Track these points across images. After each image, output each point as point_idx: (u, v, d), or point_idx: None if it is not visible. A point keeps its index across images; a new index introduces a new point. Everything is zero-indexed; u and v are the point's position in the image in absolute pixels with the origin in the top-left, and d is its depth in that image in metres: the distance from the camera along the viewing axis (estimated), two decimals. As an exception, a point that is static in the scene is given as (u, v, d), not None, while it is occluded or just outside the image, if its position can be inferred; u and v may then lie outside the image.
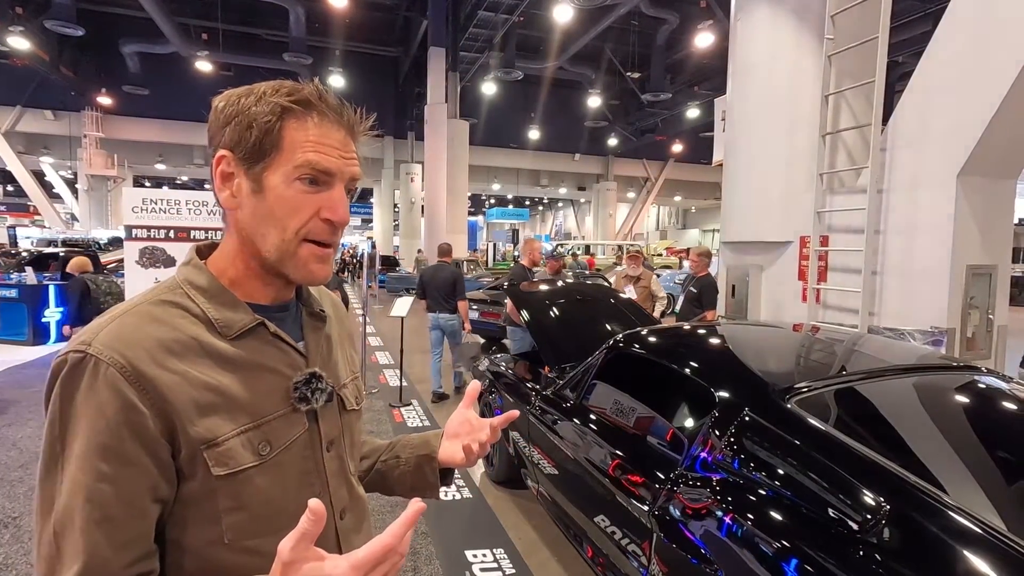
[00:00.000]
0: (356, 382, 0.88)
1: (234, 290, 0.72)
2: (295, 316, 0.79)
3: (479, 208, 39.38)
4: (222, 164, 0.69)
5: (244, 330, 0.70)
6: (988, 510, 1.33)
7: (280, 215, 0.68)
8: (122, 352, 0.61)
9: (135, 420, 0.60)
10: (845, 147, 4.82)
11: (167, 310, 0.67)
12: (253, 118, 0.67)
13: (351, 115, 0.73)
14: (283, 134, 0.68)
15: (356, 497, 0.82)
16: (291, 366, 0.73)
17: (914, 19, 13.82)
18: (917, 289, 4.08)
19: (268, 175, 0.68)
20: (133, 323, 0.65)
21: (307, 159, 0.67)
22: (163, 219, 4.37)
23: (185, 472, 0.63)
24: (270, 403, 0.70)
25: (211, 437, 0.64)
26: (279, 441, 0.70)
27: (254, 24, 19.88)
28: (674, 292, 11.34)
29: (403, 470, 0.96)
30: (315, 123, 0.69)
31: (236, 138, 0.68)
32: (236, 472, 0.65)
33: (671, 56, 20.26)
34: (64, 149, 22.54)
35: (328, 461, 0.76)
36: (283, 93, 0.68)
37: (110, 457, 0.59)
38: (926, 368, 2.13)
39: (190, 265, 0.73)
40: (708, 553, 1.58)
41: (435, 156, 17.67)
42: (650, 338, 2.55)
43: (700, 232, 39.23)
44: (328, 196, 0.69)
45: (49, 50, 18.23)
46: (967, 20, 3.76)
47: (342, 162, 0.70)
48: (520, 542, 3.04)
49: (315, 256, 0.70)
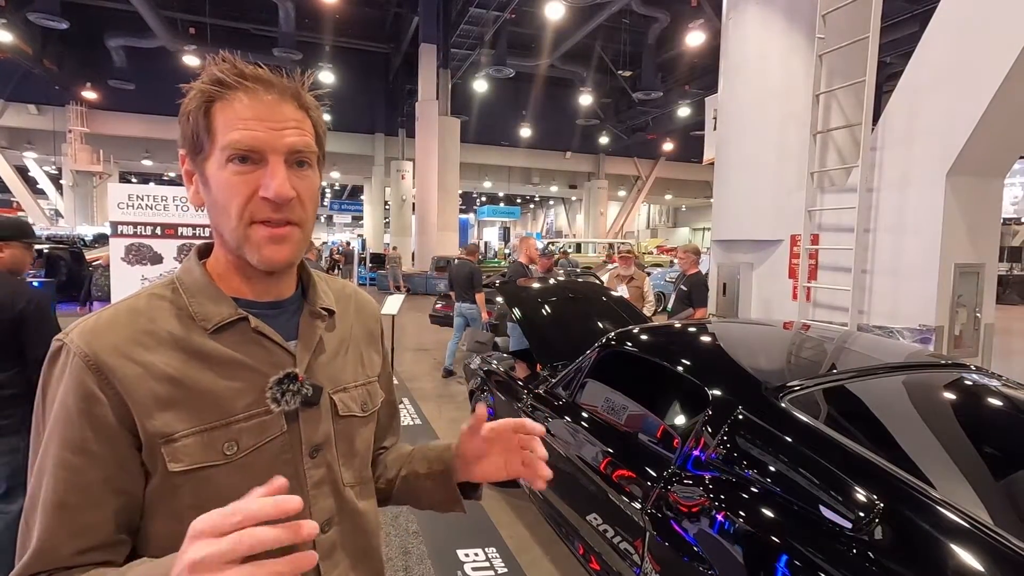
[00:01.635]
0: (368, 387, 0.82)
1: (222, 286, 0.70)
2: (293, 314, 0.75)
3: (470, 206, 39.29)
4: (185, 164, 0.70)
5: (223, 324, 0.68)
6: (976, 505, 1.35)
7: (223, 202, 0.66)
8: (88, 342, 0.62)
9: (94, 410, 0.61)
10: (835, 146, 4.85)
11: (151, 303, 0.68)
12: (187, 111, 0.67)
13: (281, 82, 0.68)
14: (211, 120, 0.66)
15: (350, 511, 0.76)
16: (274, 365, 0.69)
17: (903, 20, 13.95)
18: (906, 287, 4.11)
19: (207, 165, 0.67)
20: (110, 316, 0.66)
21: (229, 139, 0.64)
22: (150, 215, 4.30)
23: (148, 466, 0.63)
24: (243, 401, 0.67)
25: (168, 432, 0.62)
26: (248, 442, 0.66)
27: (242, 19, 19.64)
28: (665, 290, 11.42)
29: (424, 487, 0.89)
30: (242, 101, 0.65)
31: (183, 135, 0.69)
32: (193, 469, 0.63)
33: (662, 55, 20.30)
34: (48, 144, 22.16)
35: (311, 468, 0.71)
36: (203, 79, 0.66)
37: (69, 445, 0.60)
38: (916, 366, 2.15)
39: (187, 260, 0.73)
40: (702, 551, 1.58)
41: (426, 153, 17.59)
42: (643, 336, 2.55)
43: (690, 230, 39.41)
44: (264, 173, 0.65)
45: (32, 43, 17.91)
46: (956, 21, 3.79)
47: (271, 135, 0.65)
48: (512, 541, 3.03)
49: (266, 238, 0.66)
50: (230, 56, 0.67)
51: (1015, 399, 1.90)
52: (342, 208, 31.73)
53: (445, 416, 5.26)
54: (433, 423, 5.05)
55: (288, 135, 0.66)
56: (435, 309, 8.33)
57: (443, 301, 8.34)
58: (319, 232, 45.82)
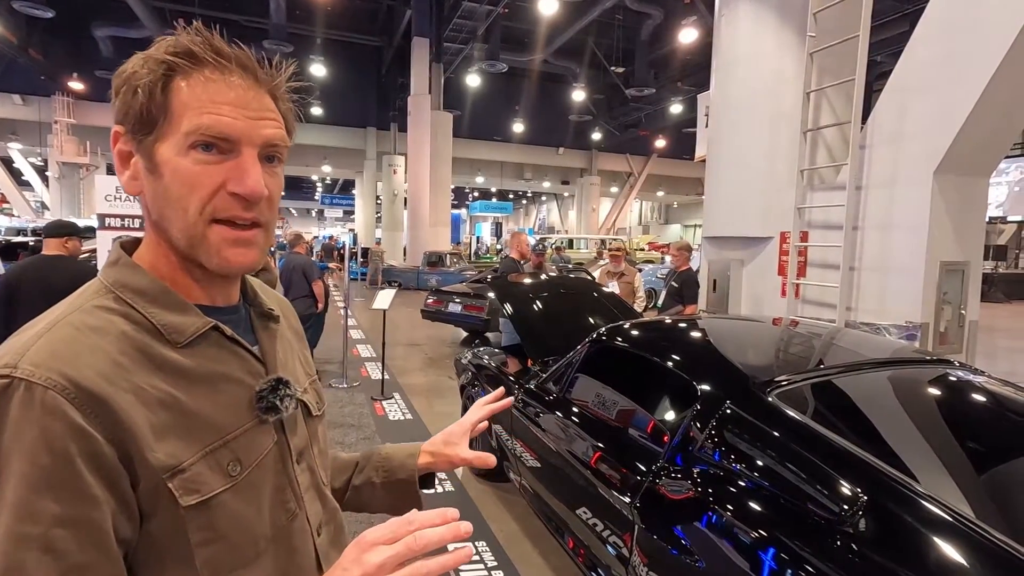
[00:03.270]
0: (315, 385, 0.79)
1: (175, 291, 0.61)
2: (244, 318, 0.69)
3: (462, 201, 39.19)
4: (118, 142, 0.60)
5: (195, 336, 0.60)
6: (957, 498, 1.37)
7: (178, 194, 0.57)
8: (60, 371, 0.50)
9: (88, 448, 0.50)
10: (825, 144, 4.89)
11: (104, 317, 0.56)
12: (136, 83, 0.57)
13: (255, 65, 0.60)
14: (171, 96, 0.57)
15: (332, 510, 0.75)
16: (251, 373, 0.64)
17: (893, 19, 14.05)
18: (893, 285, 4.16)
19: (159, 148, 0.57)
20: (68, 335, 0.53)
21: (199, 123, 0.56)
22: (137, 208, 4.24)
23: (145, 508, 0.53)
24: (234, 417, 0.61)
25: (174, 464, 0.54)
26: (249, 458, 0.61)
27: (232, 9, 19.40)
28: (656, 286, 11.47)
29: (378, 496, 0.90)
30: (214, 81, 0.58)
31: (124, 109, 0.58)
32: (208, 499, 0.56)
33: (655, 51, 20.30)
34: (33, 135, 21.81)
35: (300, 474, 0.68)
36: (165, 47, 0.57)
37: (63, 496, 0.48)
38: (901, 362, 2.18)
39: (119, 265, 0.61)
40: (690, 544, 1.59)
41: (418, 148, 17.50)
42: (633, 331, 2.56)
43: (682, 227, 39.57)
44: (235, 165, 0.58)
45: (17, 32, 17.60)
46: (945, 21, 3.83)
47: (247, 123, 0.58)
48: (502, 535, 3.05)
49: (229, 240, 0.59)
50: (204, 27, 0.59)
51: (998, 395, 1.93)
52: (333, 202, 31.56)
53: (436, 411, 5.26)
54: (424, 418, 5.05)
55: (266, 126, 0.60)
56: (427, 304, 8.31)
57: (434, 296, 8.33)
58: (309, 226, 45.50)
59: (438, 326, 8.76)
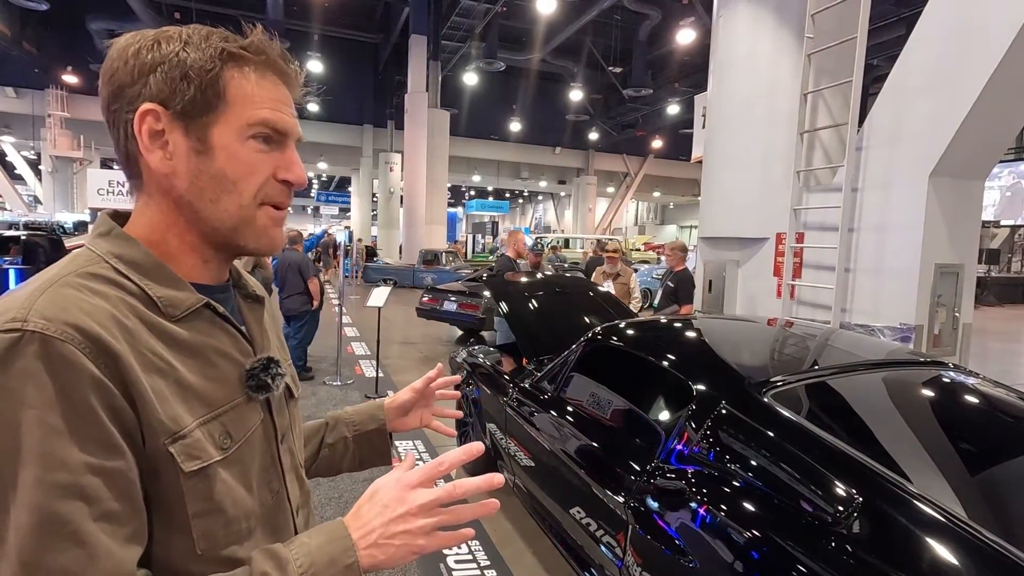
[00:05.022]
0: (290, 367, 0.79)
1: (171, 267, 0.62)
2: (231, 299, 0.71)
3: (459, 199, 39.15)
4: (148, 120, 0.59)
5: (189, 312, 0.61)
6: (951, 499, 1.37)
7: (234, 177, 0.61)
8: (74, 323, 0.50)
9: (108, 401, 0.50)
10: (822, 145, 4.90)
11: (100, 285, 0.56)
12: (189, 66, 0.58)
13: (296, 69, 0.67)
14: (227, 85, 0.60)
15: (306, 493, 0.77)
16: (241, 352, 0.66)
17: (889, 23, 14.12)
18: (888, 286, 4.18)
19: (215, 132, 0.60)
20: (70, 294, 0.53)
21: (263, 117, 0.61)
22: (130, 202, 4.24)
23: (146, 472, 0.53)
24: (226, 391, 0.62)
25: (176, 428, 0.55)
26: (238, 433, 0.62)
27: (228, 4, 19.29)
28: (652, 287, 11.48)
29: (351, 449, 0.94)
30: (259, 74, 0.62)
31: (167, 90, 0.58)
32: (206, 467, 0.57)
33: (653, 52, 20.34)
34: (27, 129, 21.63)
35: (283, 455, 0.70)
36: (220, 38, 0.61)
37: (90, 446, 0.48)
38: (895, 363, 2.18)
39: (112, 236, 0.61)
40: (683, 545, 1.59)
41: (415, 146, 17.47)
42: (628, 331, 2.56)
43: (678, 228, 39.66)
44: (283, 156, 0.64)
45: (10, 25, 17.48)
46: (942, 24, 3.84)
47: (294, 121, 0.65)
48: (495, 534, 3.04)
49: (275, 220, 0.66)
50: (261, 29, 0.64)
51: (991, 396, 1.94)
52: (329, 199, 31.45)
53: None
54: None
55: (297, 123, 0.67)
56: (422, 302, 8.29)
57: (430, 294, 8.31)
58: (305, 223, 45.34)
59: (433, 324, 8.74)
